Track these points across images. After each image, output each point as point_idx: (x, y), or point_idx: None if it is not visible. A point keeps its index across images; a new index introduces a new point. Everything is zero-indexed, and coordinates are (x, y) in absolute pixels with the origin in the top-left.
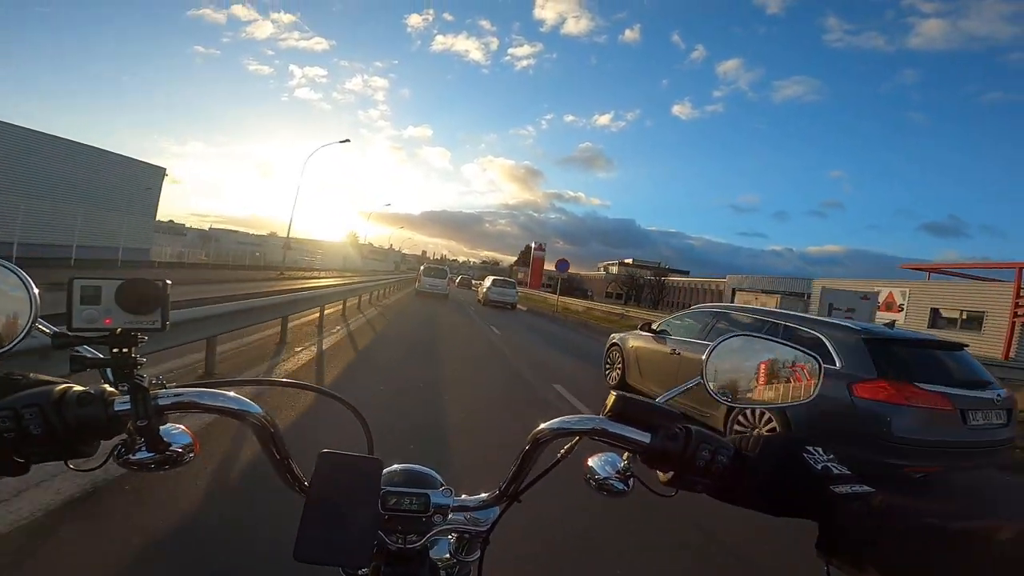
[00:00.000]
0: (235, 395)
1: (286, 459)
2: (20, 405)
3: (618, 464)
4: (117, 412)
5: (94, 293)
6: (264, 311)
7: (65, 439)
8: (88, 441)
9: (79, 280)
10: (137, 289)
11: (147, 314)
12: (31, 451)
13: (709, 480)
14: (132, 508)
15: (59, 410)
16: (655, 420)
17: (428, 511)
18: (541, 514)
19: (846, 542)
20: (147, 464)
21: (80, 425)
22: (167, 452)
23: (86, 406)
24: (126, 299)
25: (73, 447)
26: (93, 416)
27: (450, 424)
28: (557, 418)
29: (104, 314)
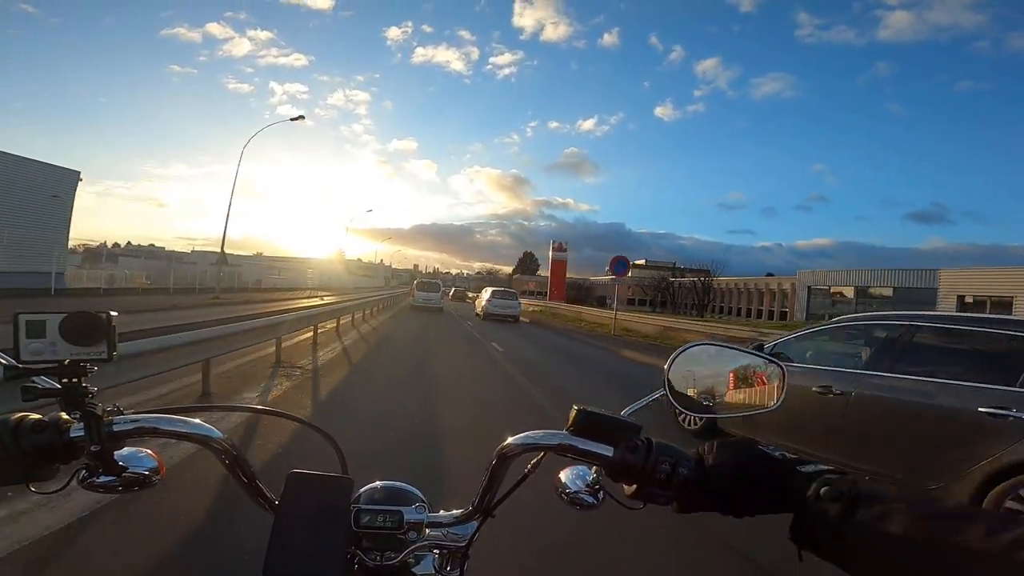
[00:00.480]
0: (196, 421)
1: (253, 481)
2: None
3: (588, 477)
4: (72, 438)
5: (39, 327)
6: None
7: (23, 463)
8: (45, 465)
9: (23, 315)
10: (81, 321)
11: (93, 345)
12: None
13: (672, 493)
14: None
15: (15, 437)
16: (616, 433)
17: (402, 527)
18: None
19: (818, 526)
20: (112, 487)
21: (36, 451)
22: (128, 475)
23: (41, 432)
24: (70, 332)
25: (31, 471)
26: (48, 442)
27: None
28: (523, 433)
29: (50, 347)
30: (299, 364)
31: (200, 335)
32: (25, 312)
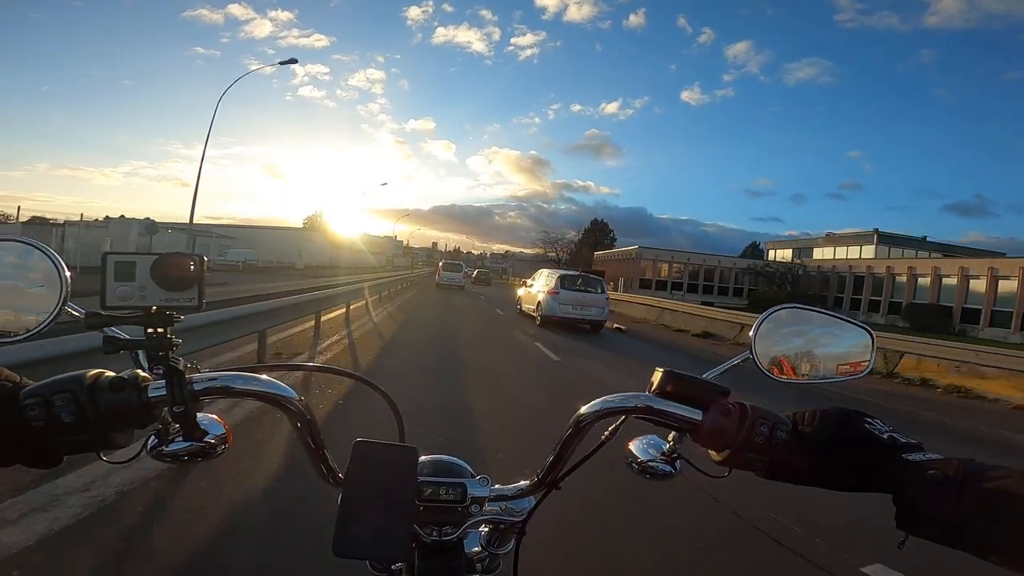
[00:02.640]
0: (271, 379)
1: (321, 449)
2: (50, 392)
3: (662, 446)
4: (151, 398)
5: (128, 269)
6: None
7: (98, 428)
8: (122, 429)
9: (112, 255)
10: (173, 264)
11: (183, 291)
12: (62, 441)
13: (767, 457)
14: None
15: (92, 396)
16: (705, 396)
17: (465, 501)
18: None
19: (926, 511)
20: (180, 455)
21: (114, 412)
22: (202, 442)
23: (120, 391)
24: (161, 275)
25: (107, 436)
26: (127, 402)
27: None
28: (598, 399)
29: (139, 291)
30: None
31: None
32: (114, 253)
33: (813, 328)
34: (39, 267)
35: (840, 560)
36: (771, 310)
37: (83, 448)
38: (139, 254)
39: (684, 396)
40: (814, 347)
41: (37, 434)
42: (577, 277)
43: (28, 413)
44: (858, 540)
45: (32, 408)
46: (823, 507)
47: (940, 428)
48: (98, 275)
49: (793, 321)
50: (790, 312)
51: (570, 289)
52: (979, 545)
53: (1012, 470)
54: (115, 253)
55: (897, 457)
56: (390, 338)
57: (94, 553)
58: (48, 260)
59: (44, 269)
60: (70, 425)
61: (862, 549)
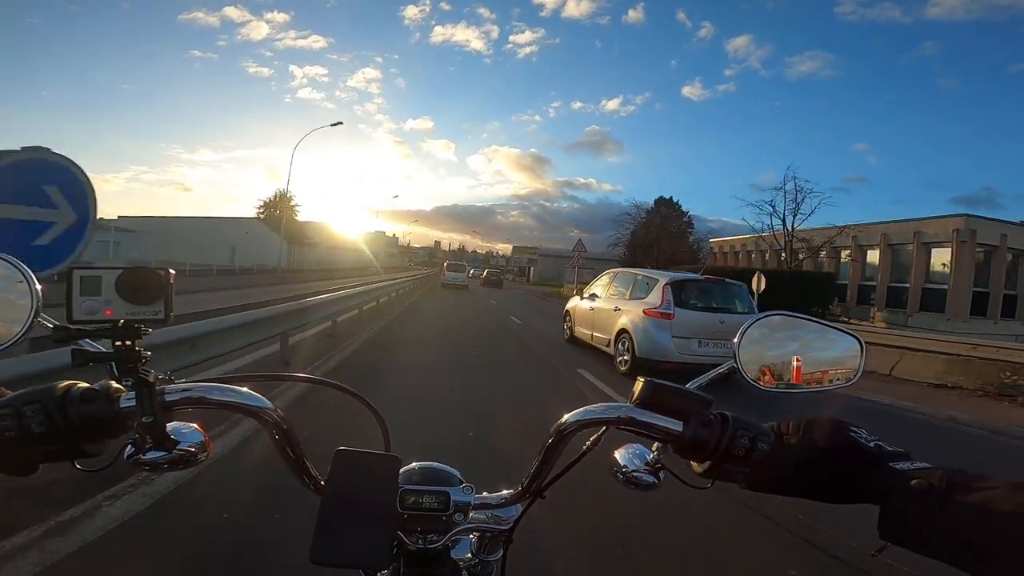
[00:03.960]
0: (247, 391)
1: (300, 458)
2: (21, 403)
3: (647, 456)
4: (123, 409)
5: (94, 283)
6: None
7: (70, 438)
8: (94, 440)
9: (78, 270)
10: (138, 278)
11: (149, 304)
12: (35, 451)
13: (749, 469)
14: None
15: (63, 407)
16: (687, 407)
17: (448, 509)
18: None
19: (910, 521)
20: (159, 464)
21: (85, 423)
22: (177, 451)
23: (91, 403)
24: (126, 288)
25: (78, 446)
26: (98, 413)
27: None
28: (581, 408)
29: (104, 305)
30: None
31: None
32: (80, 267)
33: (802, 335)
34: (11, 280)
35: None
36: (757, 317)
37: (56, 457)
38: (105, 268)
39: (666, 406)
40: (802, 355)
41: (10, 443)
42: (707, 285)
43: (0, 423)
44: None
45: (3, 419)
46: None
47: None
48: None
49: (781, 328)
50: (778, 319)
51: (696, 307)
52: (959, 557)
53: (1000, 480)
54: (81, 267)
55: (883, 466)
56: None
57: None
58: (19, 273)
59: (15, 281)
60: (40, 435)
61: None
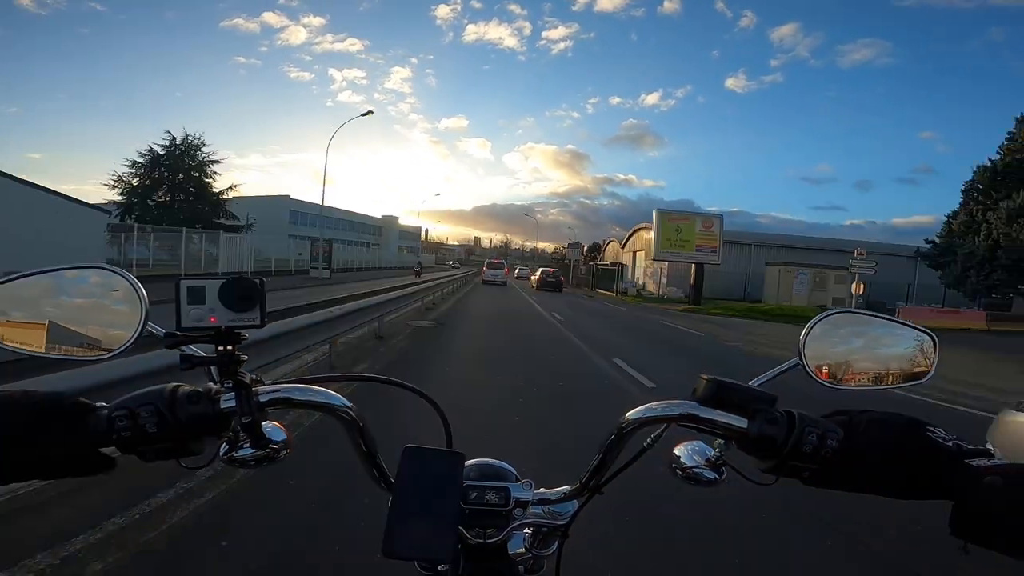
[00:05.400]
0: (328, 391)
1: (374, 455)
2: (136, 404)
3: (707, 453)
4: (223, 409)
5: (199, 293)
6: None
7: (178, 437)
8: (198, 439)
9: (185, 281)
10: (238, 287)
11: (247, 311)
12: (147, 450)
13: (817, 466)
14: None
15: (172, 408)
16: (751, 404)
17: (508, 505)
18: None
19: (986, 519)
20: (248, 461)
21: (191, 423)
22: (267, 449)
23: (196, 403)
24: (228, 297)
25: (185, 445)
26: (203, 413)
27: None
28: (642, 405)
29: (209, 313)
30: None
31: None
32: (187, 278)
33: (870, 332)
34: (122, 290)
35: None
36: (823, 315)
37: (164, 455)
38: (208, 278)
39: (729, 403)
40: (870, 352)
41: (124, 444)
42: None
43: (117, 424)
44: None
45: (120, 420)
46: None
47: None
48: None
49: (847, 325)
50: (844, 316)
51: None
52: None
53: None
54: (187, 278)
55: (959, 463)
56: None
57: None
58: (129, 284)
59: (126, 292)
60: (153, 435)
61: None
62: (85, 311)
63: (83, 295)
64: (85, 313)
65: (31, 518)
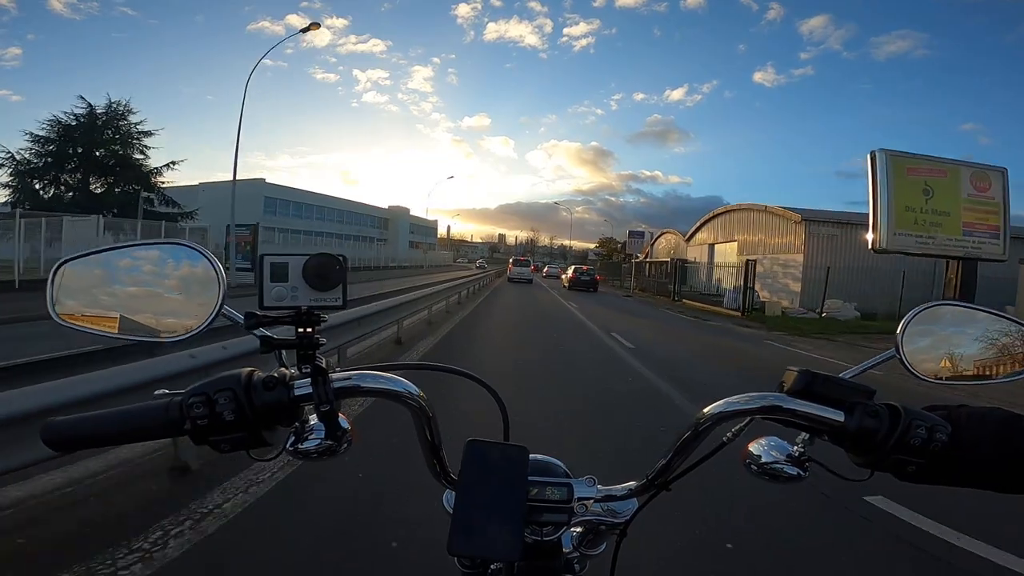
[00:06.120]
0: (398, 378)
1: (438, 446)
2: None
3: (787, 449)
4: (298, 396)
5: (282, 270)
6: None
7: (253, 425)
8: (271, 427)
9: (269, 257)
10: (322, 265)
11: (329, 291)
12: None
13: (923, 460)
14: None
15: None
16: (847, 396)
17: (571, 501)
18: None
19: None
20: (312, 453)
21: (266, 410)
22: (334, 440)
23: (271, 390)
24: (311, 275)
25: (259, 434)
26: (278, 400)
27: None
28: (721, 400)
29: (291, 291)
30: None
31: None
32: (270, 254)
33: (972, 326)
34: (199, 269)
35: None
36: (922, 307)
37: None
38: (291, 255)
39: (822, 396)
40: (971, 347)
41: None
42: None
43: (194, 411)
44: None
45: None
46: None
47: None
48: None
49: (947, 318)
50: (946, 309)
51: None
52: None
53: None
54: (270, 255)
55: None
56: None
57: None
58: (208, 263)
59: (204, 271)
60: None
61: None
62: (162, 289)
63: (160, 273)
64: (162, 292)
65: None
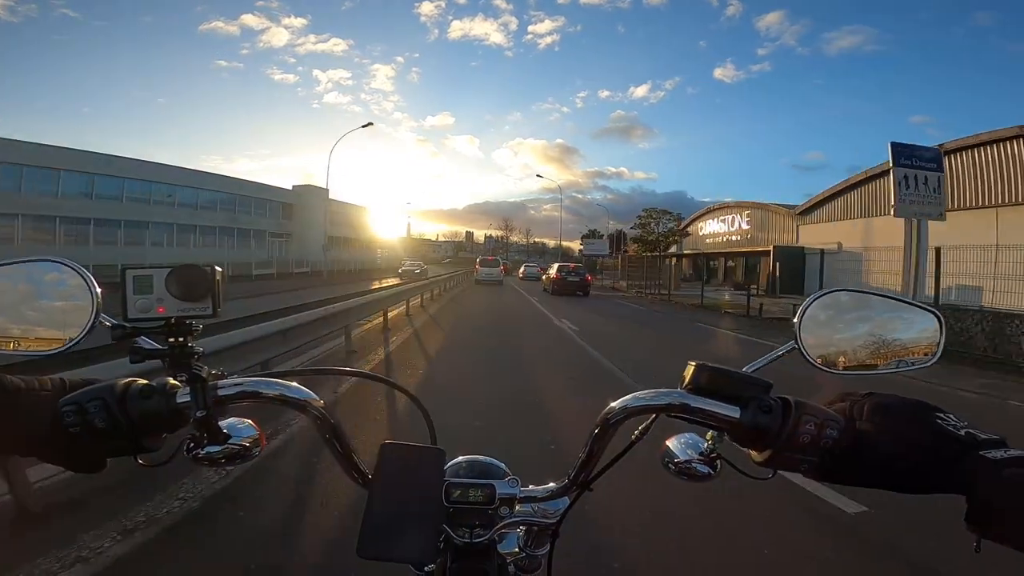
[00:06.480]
0: (295, 385)
1: (348, 451)
2: (85, 399)
3: (701, 445)
4: (179, 404)
5: (146, 282)
6: None
7: (130, 433)
8: (153, 435)
9: (131, 270)
10: (187, 275)
11: (198, 300)
12: (98, 447)
13: (816, 458)
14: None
15: (123, 404)
16: (744, 391)
17: (494, 503)
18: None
19: (1001, 513)
20: (215, 458)
21: (144, 418)
22: (231, 445)
23: (148, 398)
24: (176, 286)
25: (139, 442)
26: (156, 409)
27: None
28: (630, 394)
29: (156, 303)
30: None
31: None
32: (132, 267)
33: (872, 313)
34: (72, 284)
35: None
36: (820, 293)
37: (119, 452)
38: (155, 267)
39: (721, 392)
40: (873, 334)
41: (76, 439)
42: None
43: (65, 420)
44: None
45: (68, 415)
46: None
47: None
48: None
49: (848, 306)
50: (844, 296)
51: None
52: None
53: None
54: (133, 267)
55: (973, 454)
56: None
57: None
58: (79, 277)
59: (77, 285)
60: (104, 431)
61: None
62: (34, 305)
63: (30, 290)
64: (34, 307)
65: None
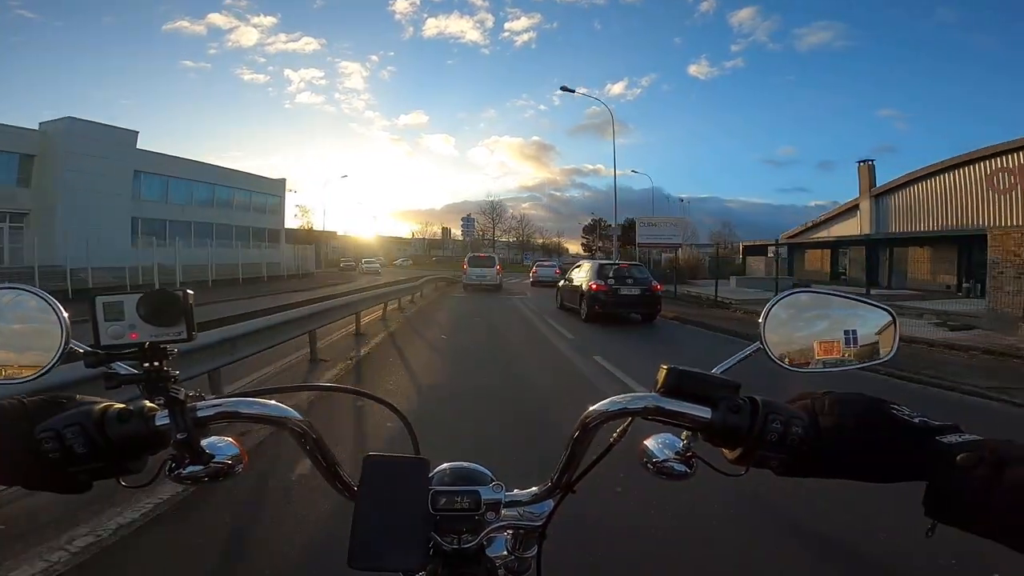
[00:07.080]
0: (275, 403)
1: (333, 465)
2: (62, 425)
3: (677, 445)
4: (158, 427)
5: (117, 309)
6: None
7: (111, 456)
8: (135, 457)
9: (101, 297)
10: (158, 300)
11: (171, 325)
12: (80, 470)
13: (784, 454)
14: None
15: (101, 428)
16: (714, 392)
17: (479, 509)
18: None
19: (959, 497)
20: (198, 478)
21: (123, 442)
22: (213, 464)
23: (127, 422)
24: (148, 312)
25: (120, 464)
26: (135, 432)
27: None
28: (607, 399)
29: (128, 329)
30: None
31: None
32: (103, 294)
33: (830, 312)
34: (39, 311)
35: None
36: (781, 295)
37: (101, 475)
38: (125, 293)
39: (692, 393)
40: (832, 332)
41: (56, 464)
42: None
43: (44, 446)
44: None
45: (47, 441)
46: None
47: None
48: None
49: (809, 306)
50: (805, 296)
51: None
52: (1009, 535)
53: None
54: (103, 294)
55: (929, 441)
56: None
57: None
58: (46, 304)
59: (44, 312)
60: (83, 455)
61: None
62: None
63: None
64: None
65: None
